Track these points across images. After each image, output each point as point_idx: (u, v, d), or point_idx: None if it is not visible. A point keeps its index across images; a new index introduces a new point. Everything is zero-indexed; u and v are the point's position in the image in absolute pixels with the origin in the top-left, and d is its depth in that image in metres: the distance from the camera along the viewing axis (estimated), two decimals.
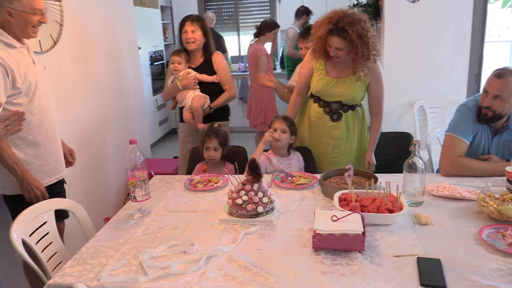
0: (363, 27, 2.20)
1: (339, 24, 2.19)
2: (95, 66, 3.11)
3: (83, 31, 2.96)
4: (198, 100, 2.92)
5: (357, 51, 2.22)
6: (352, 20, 2.18)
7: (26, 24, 1.92)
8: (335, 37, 2.22)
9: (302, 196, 1.97)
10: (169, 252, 1.50)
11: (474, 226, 1.59)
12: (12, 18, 1.88)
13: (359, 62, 2.27)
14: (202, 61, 3.00)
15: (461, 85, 3.71)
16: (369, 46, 2.23)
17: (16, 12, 1.88)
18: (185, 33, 2.90)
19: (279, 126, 2.38)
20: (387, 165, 2.62)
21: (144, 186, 1.82)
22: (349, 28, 2.16)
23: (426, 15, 3.57)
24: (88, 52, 3.03)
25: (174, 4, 6.82)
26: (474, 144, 2.14)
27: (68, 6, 2.70)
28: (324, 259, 1.41)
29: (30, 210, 1.73)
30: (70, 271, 1.42)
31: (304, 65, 2.54)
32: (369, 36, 2.22)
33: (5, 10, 1.86)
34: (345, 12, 2.24)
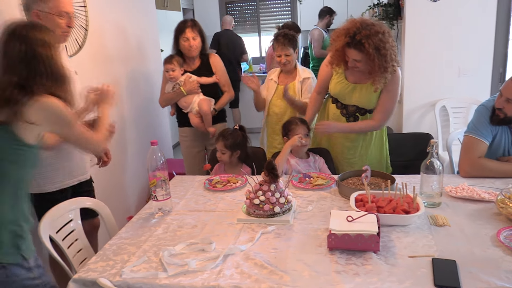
0: (380, 39, 2.13)
1: (356, 36, 2.13)
2: (118, 69, 3.20)
3: (107, 35, 3.05)
4: (207, 104, 2.94)
5: (374, 64, 2.18)
6: (369, 33, 2.12)
7: (55, 26, 1.95)
8: (352, 50, 2.18)
9: (320, 196, 1.99)
10: (188, 250, 1.55)
11: (492, 227, 1.58)
12: (41, 21, 1.91)
13: (377, 74, 2.23)
14: (199, 64, 3.02)
15: (485, 85, 3.64)
16: (387, 58, 2.16)
17: (43, 14, 1.93)
18: (186, 41, 2.88)
19: (302, 131, 2.40)
20: (407, 165, 2.60)
21: (164, 186, 1.88)
22: (365, 42, 2.11)
23: (448, 13, 3.52)
24: (111, 55, 3.12)
25: (196, 6, 6.91)
26: (494, 145, 2.11)
27: (92, 10, 2.79)
28: (338, 259, 1.43)
29: (57, 208, 1.81)
30: (94, 267, 1.48)
31: (324, 66, 2.53)
32: (387, 48, 2.15)
33: (33, 12, 1.93)
34: (363, 24, 2.16)
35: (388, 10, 4.04)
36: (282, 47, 2.75)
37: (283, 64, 2.80)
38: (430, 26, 3.58)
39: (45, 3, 1.92)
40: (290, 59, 2.79)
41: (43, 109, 1.40)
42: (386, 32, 2.18)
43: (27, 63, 1.40)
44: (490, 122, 2.08)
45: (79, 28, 2.67)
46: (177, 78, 2.92)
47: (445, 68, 3.65)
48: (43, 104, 1.40)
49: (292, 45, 2.76)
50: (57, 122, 1.47)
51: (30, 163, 1.47)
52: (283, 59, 2.77)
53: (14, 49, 1.40)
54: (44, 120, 1.42)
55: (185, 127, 3.11)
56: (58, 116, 1.47)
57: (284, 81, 2.86)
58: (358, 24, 2.16)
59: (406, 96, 3.82)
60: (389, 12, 4.03)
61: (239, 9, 7.07)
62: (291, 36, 2.77)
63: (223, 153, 2.47)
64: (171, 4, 5.55)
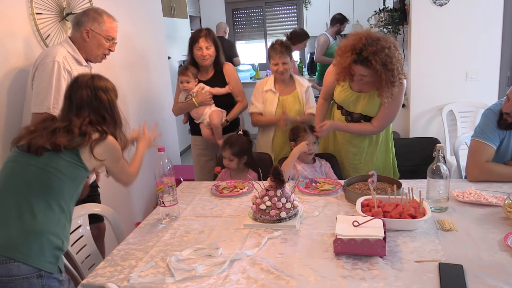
0: (387, 54, 2.10)
1: (363, 53, 2.11)
2: (126, 76, 3.24)
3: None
4: (217, 116, 2.90)
5: (381, 79, 2.16)
6: (376, 49, 2.09)
7: (99, 47, 2.18)
8: (359, 66, 2.16)
9: (326, 202, 2.00)
10: (194, 255, 1.56)
11: (499, 232, 1.57)
12: (88, 39, 2.14)
13: (383, 89, 2.21)
14: (213, 74, 2.99)
15: (492, 88, 3.62)
16: (394, 72, 2.14)
17: (93, 33, 2.13)
18: (200, 50, 2.85)
19: (310, 139, 2.40)
20: (414, 170, 2.60)
21: (172, 192, 1.89)
22: (372, 59, 2.09)
23: (454, 18, 3.52)
24: (119, 63, 3.16)
25: (202, 14, 6.97)
26: (502, 149, 2.10)
27: None
28: (345, 264, 1.43)
29: None
30: (102, 272, 1.50)
31: (329, 73, 2.51)
32: (393, 62, 2.13)
33: (85, 29, 2.12)
34: (369, 39, 2.13)
35: (394, 15, 4.04)
36: (280, 55, 2.71)
37: (280, 72, 2.75)
38: (436, 30, 3.58)
39: (99, 24, 2.14)
40: (287, 67, 2.75)
41: (107, 149, 1.65)
42: (392, 46, 2.15)
43: (94, 106, 1.66)
44: (498, 127, 2.07)
45: None
46: (191, 89, 2.90)
47: (452, 72, 3.64)
48: (108, 145, 1.66)
49: (289, 54, 2.74)
50: (111, 159, 1.71)
51: (80, 184, 1.65)
52: (281, 67, 2.73)
53: (82, 95, 1.65)
54: (105, 157, 1.66)
55: (197, 135, 3.10)
56: (115, 155, 1.72)
57: (284, 92, 2.82)
58: (364, 40, 2.13)
59: (413, 101, 3.81)
60: (394, 17, 4.03)
61: (245, 15, 7.12)
62: (287, 44, 2.76)
63: (231, 160, 2.48)
64: (178, 11, 5.60)
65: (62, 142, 1.53)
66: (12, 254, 1.40)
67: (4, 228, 1.44)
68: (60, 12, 2.46)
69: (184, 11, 5.87)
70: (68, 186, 1.56)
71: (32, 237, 1.44)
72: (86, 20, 2.12)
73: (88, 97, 1.66)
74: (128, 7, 3.24)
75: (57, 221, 1.51)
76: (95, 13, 2.15)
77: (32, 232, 1.44)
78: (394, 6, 4.21)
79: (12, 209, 1.46)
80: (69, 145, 1.55)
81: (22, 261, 1.40)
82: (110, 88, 1.74)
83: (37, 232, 1.45)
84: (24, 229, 1.44)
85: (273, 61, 2.76)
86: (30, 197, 1.48)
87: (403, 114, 4.04)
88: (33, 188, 1.50)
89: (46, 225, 1.47)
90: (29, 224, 1.45)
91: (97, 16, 2.14)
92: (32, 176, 1.52)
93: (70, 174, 1.57)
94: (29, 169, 1.53)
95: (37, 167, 1.52)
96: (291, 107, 2.78)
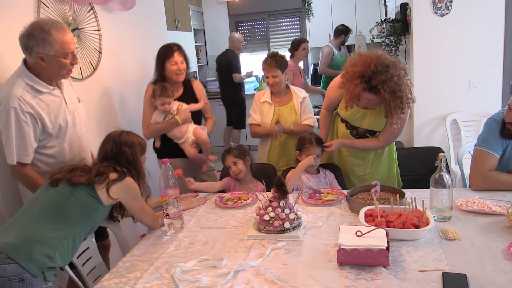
0: (396, 82, 2.09)
1: (372, 82, 2.10)
2: (131, 89, 3.28)
3: (120, 57, 3.14)
4: (203, 132, 2.82)
5: (390, 106, 2.17)
6: (385, 78, 2.07)
7: (60, 67, 1.93)
8: (367, 93, 2.16)
9: (330, 212, 2.00)
10: (199, 267, 1.58)
11: (503, 241, 1.57)
12: (45, 63, 1.88)
13: (393, 116, 2.21)
14: (183, 90, 2.86)
15: (496, 97, 3.63)
16: (403, 99, 2.14)
17: (48, 57, 1.87)
18: (175, 65, 2.71)
19: (315, 152, 2.40)
20: (418, 180, 2.60)
21: (176, 203, 1.91)
22: (381, 88, 2.09)
23: (455, 27, 3.55)
24: (124, 76, 3.20)
25: (206, 27, 7.05)
26: (505, 158, 2.10)
27: (105, 34, 2.89)
28: (348, 274, 1.44)
29: None
30: (108, 284, 1.52)
31: (334, 88, 2.47)
32: (402, 90, 2.12)
33: (38, 55, 1.86)
34: (378, 66, 2.08)
35: (395, 26, 4.07)
36: (268, 68, 2.78)
37: (271, 85, 2.82)
38: (438, 40, 3.60)
39: (50, 46, 1.85)
40: (278, 80, 2.79)
41: (122, 187, 1.80)
42: (402, 73, 2.13)
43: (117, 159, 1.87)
44: (501, 136, 2.07)
45: (93, 51, 2.77)
46: (171, 109, 2.72)
47: (455, 81, 3.66)
48: (125, 184, 1.81)
49: (279, 67, 2.77)
50: (128, 197, 1.84)
51: (93, 217, 1.78)
52: (271, 80, 2.79)
53: (107, 148, 1.89)
54: (120, 195, 1.81)
55: (174, 158, 2.70)
56: (131, 193, 1.85)
57: (280, 103, 2.86)
58: (373, 67, 2.09)
59: (416, 110, 3.82)
60: (396, 27, 4.06)
61: (249, 27, 7.19)
62: (279, 58, 2.80)
63: (236, 164, 2.47)
64: (182, 24, 5.67)
65: (79, 180, 1.73)
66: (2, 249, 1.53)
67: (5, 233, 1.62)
68: None
69: (188, 24, 5.94)
70: (76, 209, 1.71)
71: (25, 240, 1.57)
72: (35, 44, 1.84)
73: (112, 150, 1.87)
74: (132, 20, 3.30)
75: (56, 235, 1.63)
76: (42, 33, 1.84)
77: (26, 236, 1.59)
78: (396, 17, 4.25)
79: (22, 223, 1.66)
80: (86, 182, 1.74)
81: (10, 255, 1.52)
82: (135, 143, 1.92)
83: (31, 237, 1.59)
84: (21, 234, 1.60)
85: (265, 74, 2.84)
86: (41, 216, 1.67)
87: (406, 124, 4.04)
88: (45, 206, 1.70)
89: (41, 233, 1.61)
90: (27, 230, 1.61)
91: (45, 35, 1.84)
92: (48, 198, 1.72)
93: (83, 200, 1.72)
94: (48, 193, 1.74)
95: (54, 190, 1.74)
96: (287, 118, 2.82)
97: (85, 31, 2.68)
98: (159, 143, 2.84)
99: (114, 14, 3.03)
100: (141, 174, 1.93)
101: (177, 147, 2.80)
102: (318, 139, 2.47)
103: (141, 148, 1.95)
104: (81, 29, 2.63)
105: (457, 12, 3.51)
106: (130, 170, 1.86)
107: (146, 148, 1.98)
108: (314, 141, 2.43)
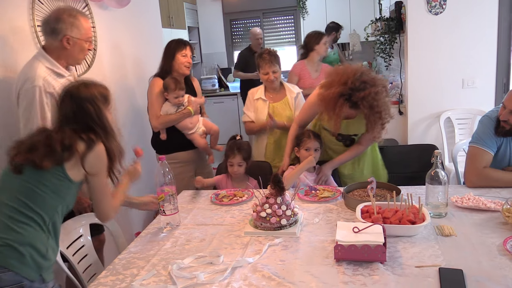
0: (373, 98, 2.08)
1: (352, 98, 2.09)
2: (126, 87, 3.27)
3: (114, 54, 3.13)
4: (213, 123, 2.90)
5: (370, 121, 2.17)
6: (364, 95, 2.07)
7: (81, 51, 2.08)
8: (348, 109, 2.16)
9: (326, 209, 2.01)
10: (196, 263, 1.57)
11: (498, 237, 1.58)
12: (69, 46, 2.01)
13: (374, 131, 2.21)
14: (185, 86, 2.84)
15: (489, 95, 3.67)
16: (381, 114, 2.14)
17: (74, 40, 2.01)
18: (185, 57, 2.81)
19: (312, 145, 2.38)
20: (413, 177, 2.61)
21: (172, 200, 1.91)
22: (361, 104, 2.09)
23: (449, 26, 3.57)
24: (119, 74, 3.19)
25: (201, 25, 7.03)
26: (499, 155, 2.12)
27: (100, 31, 2.87)
28: (346, 270, 1.44)
29: (67, 224, 1.84)
30: (104, 281, 1.51)
31: (312, 104, 2.41)
32: (380, 105, 2.11)
33: (65, 37, 1.99)
34: (356, 83, 2.07)
35: (390, 24, 4.09)
36: (269, 64, 2.80)
37: (271, 81, 2.83)
38: (432, 39, 3.63)
39: (78, 29, 2.01)
40: (277, 75, 2.84)
41: (96, 158, 1.57)
42: (379, 90, 2.11)
43: (79, 118, 1.58)
44: (495, 134, 2.09)
45: None
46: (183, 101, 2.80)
47: (449, 80, 3.69)
48: (97, 153, 1.57)
49: (277, 63, 2.83)
50: (97, 168, 1.60)
51: (68, 197, 1.59)
52: (271, 76, 2.81)
53: (67, 108, 1.59)
54: (94, 167, 1.58)
55: (176, 152, 2.87)
56: (101, 165, 1.61)
57: (274, 99, 2.89)
58: (351, 84, 2.08)
59: (410, 109, 3.84)
60: (391, 26, 4.08)
61: (243, 26, 7.17)
62: (275, 53, 2.85)
63: (240, 166, 2.46)
64: (177, 22, 5.65)
65: (46, 166, 1.49)
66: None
67: None
68: None
69: (182, 22, 5.92)
70: (49, 197, 1.52)
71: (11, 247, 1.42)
72: (64, 27, 1.97)
73: (73, 110, 1.58)
74: (127, 17, 3.28)
75: (41, 231, 1.49)
76: (71, 17, 2.00)
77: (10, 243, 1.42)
78: (390, 15, 4.27)
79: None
80: (53, 164, 1.50)
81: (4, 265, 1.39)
82: (96, 96, 1.62)
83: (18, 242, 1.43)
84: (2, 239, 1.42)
85: (263, 70, 2.84)
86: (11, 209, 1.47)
87: (401, 122, 4.07)
88: (15, 201, 1.48)
89: (24, 236, 1.45)
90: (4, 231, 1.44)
91: (74, 20, 2.00)
92: (15, 191, 1.50)
93: (53, 186, 1.52)
94: (13, 184, 1.52)
95: (20, 180, 1.51)
96: (282, 114, 2.84)
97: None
98: (165, 135, 2.85)
99: (109, 11, 3.01)
100: (109, 132, 1.64)
101: (180, 140, 2.84)
102: (315, 133, 2.46)
103: (104, 99, 1.66)
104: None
105: (451, 11, 3.54)
106: (96, 132, 1.60)
107: (110, 97, 1.70)
108: (312, 135, 2.43)
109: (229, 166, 2.49)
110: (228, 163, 2.49)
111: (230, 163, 2.48)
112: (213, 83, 6.46)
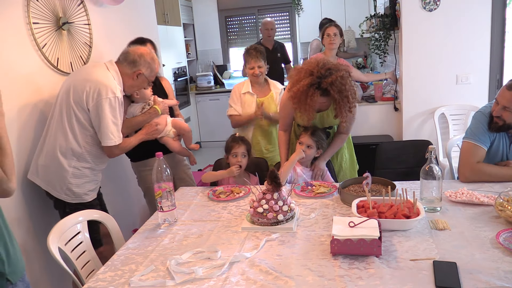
0: (341, 82, 2.16)
1: (322, 86, 2.16)
2: None
3: (110, 51, 3.12)
4: (183, 122, 2.76)
5: (340, 106, 2.22)
6: (332, 80, 2.14)
7: (139, 86, 2.32)
8: (320, 97, 2.21)
9: (322, 204, 2.03)
10: (194, 258, 1.59)
11: (491, 230, 1.61)
12: (136, 79, 2.25)
13: (343, 116, 2.27)
14: (152, 87, 2.57)
15: (483, 91, 3.70)
16: (349, 98, 2.20)
17: (143, 77, 2.25)
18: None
19: (306, 141, 2.40)
20: (408, 173, 2.64)
21: (170, 197, 1.92)
22: (330, 89, 2.15)
23: (443, 23, 3.60)
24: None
25: (195, 21, 7.02)
26: (492, 150, 2.15)
27: (95, 28, 2.86)
28: (342, 263, 1.46)
29: (64, 220, 1.85)
30: (103, 277, 1.52)
31: (285, 105, 2.47)
32: (347, 89, 2.19)
33: (138, 71, 2.23)
34: (321, 71, 2.16)
35: (385, 20, 4.11)
36: (255, 59, 2.93)
37: (256, 75, 2.95)
38: (426, 35, 3.65)
39: (151, 70, 2.26)
40: (263, 70, 2.97)
41: None
42: (344, 74, 2.19)
43: None
44: (489, 130, 2.12)
45: (83, 45, 2.75)
46: (146, 97, 2.52)
47: (443, 76, 3.72)
48: None
49: (263, 58, 2.95)
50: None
51: None
52: (257, 70, 2.94)
53: None
54: None
55: (149, 158, 2.66)
56: None
57: (261, 94, 3.01)
58: (317, 72, 2.16)
59: (405, 104, 3.87)
60: (386, 22, 4.11)
61: (238, 22, 7.17)
62: (261, 49, 2.98)
63: (244, 156, 2.44)
64: (172, 19, 5.64)
65: None
66: None
67: None
68: (56, 21, 2.49)
69: (177, 19, 5.91)
70: None
71: None
72: (142, 64, 2.22)
73: None
74: (123, 14, 3.27)
75: None
76: (151, 59, 2.25)
77: None
78: (385, 12, 4.29)
79: None
80: None
81: None
82: None
83: None
84: None
85: (249, 65, 2.97)
86: None
87: (395, 118, 4.10)
88: None
89: None
90: None
91: (152, 62, 2.26)
92: None
93: None
94: None
95: None
96: (268, 108, 2.96)
97: (75, 25, 2.66)
98: None
99: (104, 8, 3.01)
100: None
101: (151, 147, 2.54)
102: (314, 131, 2.47)
103: None
104: (71, 23, 2.61)
105: (445, 7, 3.56)
106: None
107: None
108: (309, 131, 2.44)
109: (232, 158, 2.45)
110: (232, 154, 2.45)
111: (235, 153, 2.43)
112: (208, 80, 6.45)
